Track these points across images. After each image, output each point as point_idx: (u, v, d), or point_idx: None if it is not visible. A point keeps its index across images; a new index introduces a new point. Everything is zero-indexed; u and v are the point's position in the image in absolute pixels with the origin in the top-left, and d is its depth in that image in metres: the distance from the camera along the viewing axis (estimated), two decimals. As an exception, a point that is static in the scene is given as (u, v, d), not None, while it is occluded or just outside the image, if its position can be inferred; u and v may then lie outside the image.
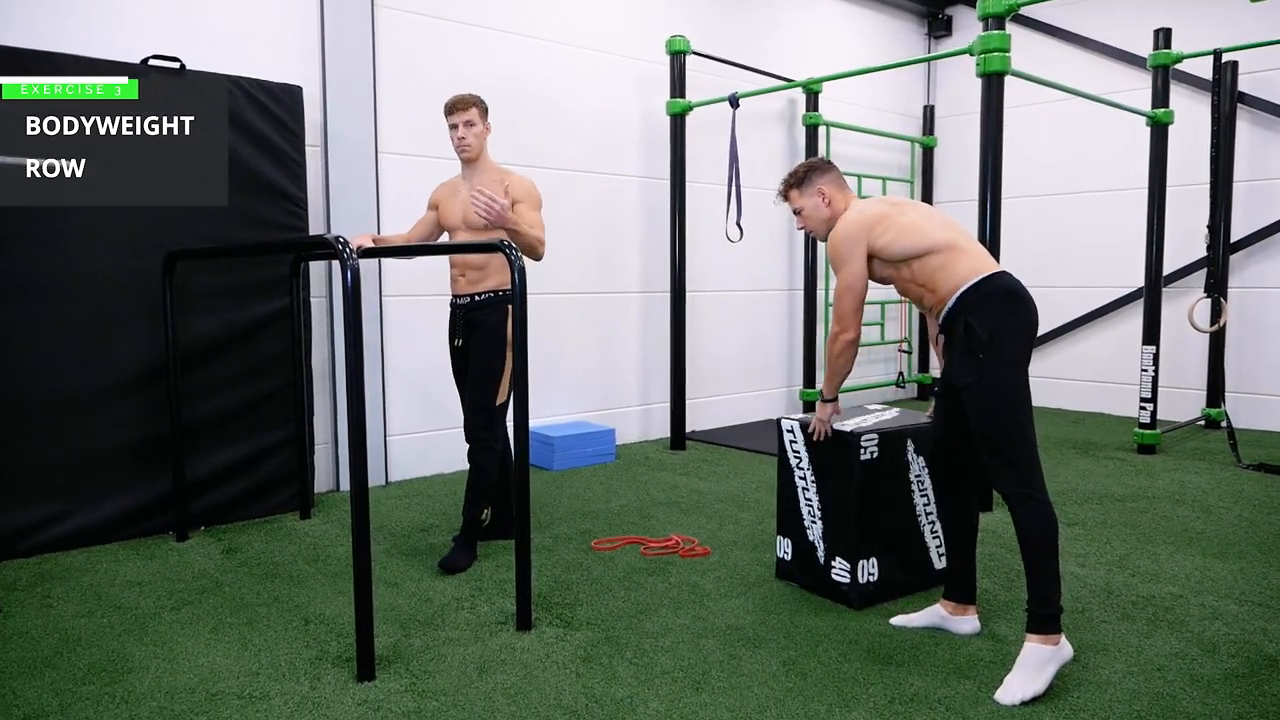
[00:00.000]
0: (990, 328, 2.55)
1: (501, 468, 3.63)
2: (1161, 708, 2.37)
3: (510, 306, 3.21)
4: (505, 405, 3.53)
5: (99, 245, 3.74)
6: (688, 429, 6.06)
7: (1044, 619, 2.48)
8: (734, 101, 5.48)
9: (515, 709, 2.36)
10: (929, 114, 7.94)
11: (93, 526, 3.74)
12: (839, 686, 2.49)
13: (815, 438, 3.09)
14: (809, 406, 6.83)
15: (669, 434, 5.94)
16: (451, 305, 3.62)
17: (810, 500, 3.18)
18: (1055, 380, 7.47)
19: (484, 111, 3.53)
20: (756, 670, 2.59)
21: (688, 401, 5.98)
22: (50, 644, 2.76)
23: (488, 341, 3.48)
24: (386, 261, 4.76)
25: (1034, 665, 2.45)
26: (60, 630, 2.87)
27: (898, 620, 2.96)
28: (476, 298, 3.51)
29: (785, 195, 3.01)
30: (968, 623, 2.86)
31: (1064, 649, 2.50)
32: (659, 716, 2.32)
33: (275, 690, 2.46)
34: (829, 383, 2.98)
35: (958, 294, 2.64)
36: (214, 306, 4.03)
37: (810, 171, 2.96)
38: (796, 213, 2.99)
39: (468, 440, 3.59)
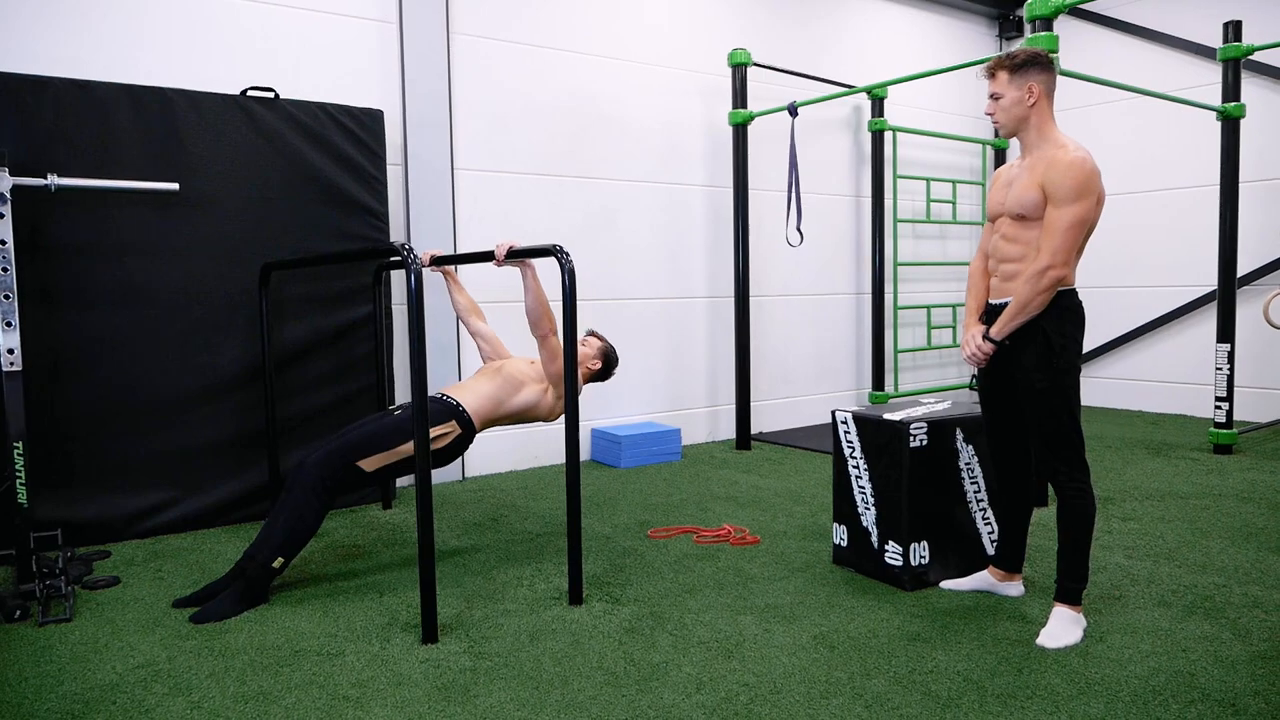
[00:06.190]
0: (1071, 337, 2.73)
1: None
2: (1178, 684, 2.44)
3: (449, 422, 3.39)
4: (365, 476, 3.30)
5: (201, 258, 4.14)
6: (757, 430, 6.22)
7: (1077, 592, 2.80)
8: (793, 110, 5.65)
9: (560, 670, 2.59)
10: (1001, 116, 7.90)
11: (198, 512, 4.15)
12: (864, 658, 2.64)
13: (977, 365, 2.92)
14: (877, 408, 6.90)
15: (735, 435, 6.11)
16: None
17: (864, 488, 3.33)
18: (1134, 382, 7.34)
19: None
20: (787, 643, 2.76)
21: (756, 404, 6.14)
22: (161, 608, 3.12)
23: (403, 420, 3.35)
24: (462, 270, 5.08)
25: (1069, 621, 2.77)
26: (169, 597, 3.23)
27: (947, 584, 3.22)
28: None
29: (993, 74, 2.79)
30: (1014, 588, 3.14)
31: (1083, 619, 2.81)
32: (689, 679, 2.51)
33: (350, 649, 2.76)
34: (1008, 324, 2.75)
35: (1056, 292, 2.69)
36: (304, 313, 4.40)
37: (1031, 63, 2.73)
38: (994, 97, 2.79)
39: (307, 483, 3.18)
